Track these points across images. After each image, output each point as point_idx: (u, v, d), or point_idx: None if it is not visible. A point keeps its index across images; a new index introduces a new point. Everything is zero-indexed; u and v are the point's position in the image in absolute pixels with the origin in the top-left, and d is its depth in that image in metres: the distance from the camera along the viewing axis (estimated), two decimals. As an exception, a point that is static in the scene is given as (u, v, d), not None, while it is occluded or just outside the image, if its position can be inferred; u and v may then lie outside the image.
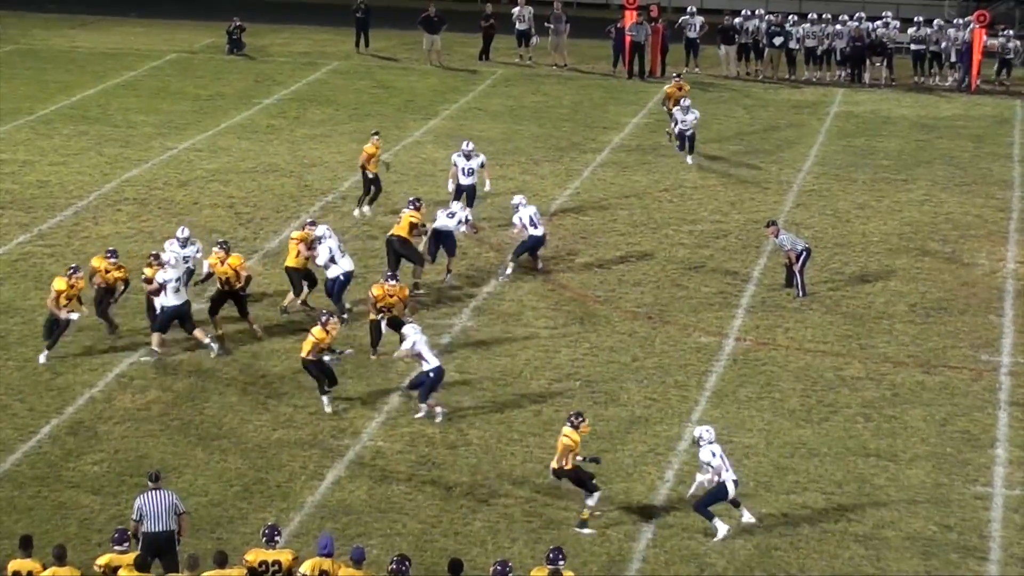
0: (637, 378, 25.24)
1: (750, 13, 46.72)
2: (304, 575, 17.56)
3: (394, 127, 39.60)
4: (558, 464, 20.65)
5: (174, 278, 25.25)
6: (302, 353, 23.75)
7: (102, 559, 17.75)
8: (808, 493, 21.60)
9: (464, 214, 29.08)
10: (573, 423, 20.63)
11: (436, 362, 23.66)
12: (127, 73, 45.72)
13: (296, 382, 24.69)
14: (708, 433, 20.62)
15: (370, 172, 32.13)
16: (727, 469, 20.44)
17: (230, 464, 22.22)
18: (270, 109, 41.96)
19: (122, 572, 17.48)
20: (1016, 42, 45.79)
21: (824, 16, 46.63)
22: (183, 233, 26.84)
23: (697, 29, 46.41)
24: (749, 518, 20.57)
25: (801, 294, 28.57)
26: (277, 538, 18.11)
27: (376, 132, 33.45)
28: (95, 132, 39.14)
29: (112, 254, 26.16)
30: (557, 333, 26.96)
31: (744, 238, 31.84)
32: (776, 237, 28.95)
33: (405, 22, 49.50)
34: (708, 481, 20.48)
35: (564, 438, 20.55)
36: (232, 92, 43.78)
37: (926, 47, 45.91)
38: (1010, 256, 31.08)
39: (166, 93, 43.54)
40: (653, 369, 25.59)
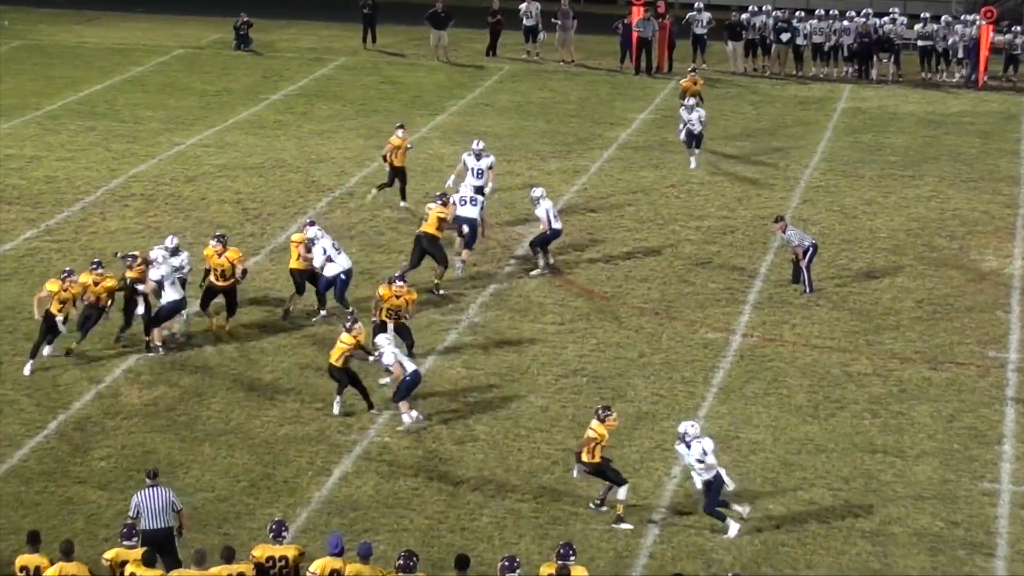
0: (644, 374, 25.23)
1: (757, 9, 46.61)
2: (315, 574, 17.55)
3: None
4: (587, 457, 20.59)
5: (168, 273, 25.21)
6: (331, 360, 23.49)
7: (109, 553, 17.75)
8: (815, 489, 21.59)
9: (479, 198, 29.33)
10: (600, 416, 20.60)
11: (412, 366, 23.42)
12: (134, 69, 45.73)
13: (303, 378, 24.70)
14: (693, 429, 20.41)
15: (396, 163, 32.23)
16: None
17: (237, 460, 22.22)
18: (277, 105, 41.95)
19: (130, 567, 17.46)
20: (1023, 38, 45.74)
21: (831, 12, 46.60)
22: (171, 243, 26.22)
23: (704, 25, 46.35)
24: (742, 510, 20.51)
25: (808, 290, 28.54)
26: (284, 534, 18.09)
27: (401, 125, 33.36)
28: (102, 128, 39.14)
29: (98, 265, 25.44)
30: (564, 329, 26.94)
31: (751, 234, 31.82)
32: (783, 233, 28.93)
33: (412, 18, 49.50)
34: (714, 477, 20.39)
35: (589, 431, 20.55)
36: (239, 88, 43.78)
37: (933, 43, 45.86)
38: (1017, 252, 31.03)
39: (173, 89, 43.54)
40: (660, 365, 25.58)
